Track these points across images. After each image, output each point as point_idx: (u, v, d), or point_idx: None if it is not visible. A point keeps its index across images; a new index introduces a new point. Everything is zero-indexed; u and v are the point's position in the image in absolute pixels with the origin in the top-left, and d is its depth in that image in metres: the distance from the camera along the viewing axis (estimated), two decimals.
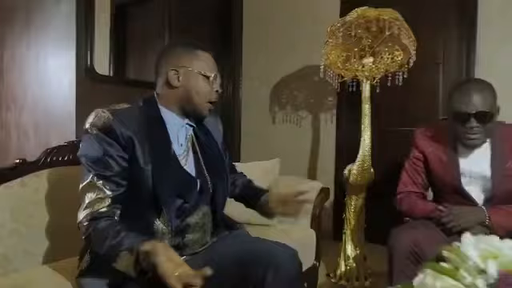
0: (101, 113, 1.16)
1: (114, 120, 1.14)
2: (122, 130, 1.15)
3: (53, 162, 1.58)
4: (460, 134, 1.51)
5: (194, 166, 1.30)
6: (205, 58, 1.29)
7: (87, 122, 1.17)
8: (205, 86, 1.27)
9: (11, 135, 2.90)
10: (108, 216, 1.12)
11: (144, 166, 1.17)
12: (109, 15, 2.78)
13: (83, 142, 1.18)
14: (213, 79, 1.28)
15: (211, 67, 1.29)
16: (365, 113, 2.14)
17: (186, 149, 1.30)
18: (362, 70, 2.24)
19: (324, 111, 3.28)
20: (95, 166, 1.13)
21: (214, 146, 1.38)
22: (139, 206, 1.19)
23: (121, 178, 1.16)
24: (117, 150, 1.14)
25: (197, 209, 1.28)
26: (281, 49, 3.47)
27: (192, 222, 1.27)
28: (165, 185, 1.18)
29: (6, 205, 1.37)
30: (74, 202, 1.51)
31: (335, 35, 2.12)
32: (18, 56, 2.83)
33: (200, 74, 1.26)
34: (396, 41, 2.18)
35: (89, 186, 1.13)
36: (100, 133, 1.14)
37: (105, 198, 1.12)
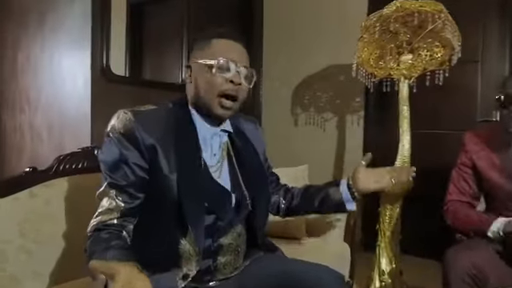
0: (123, 114, 1.04)
1: (135, 123, 1.01)
2: (144, 135, 1.01)
3: (65, 170, 1.44)
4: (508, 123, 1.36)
5: (229, 179, 1.13)
6: (219, 45, 1.08)
7: (109, 124, 1.05)
8: (211, 77, 1.05)
9: (25, 137, 2.81)
10: (114, 229, 1.00)
11: (169, 174, 1.02)
12: (125, 14, 2.68)
13: (103, 145, 1.07)
14: (224, 69, 1.05)
15: (223, 54, 1.06)
16: (403, 115, 1.95)
17: (219, 159, 1.13)
18: (398, 69, 2.06)
19: (350, 113, 3.09)
20: (110, 173, 1.02)
21: (253, 157, 1.21)
22: (162, 221, 1.04)
23: (136, 189, 1.02)
24: (135, 158, 1.01)
25: (231, 228, 1.12)
26: (303, 48, 3.29)
27: (225, 242, 1.11)
28: (192, 197, 1.02)
29: (13, 219, 1.24)
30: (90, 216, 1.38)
31: (370, 30, 1.94)
32: (32, 57, 2.74)
33: (205, 64, 1.06)
34: (436, 36, 1.99)
35: (103, 194, 1.03)
36: (120, 136, 1.02)
37: (115, 210, 1.01)
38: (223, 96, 1.06)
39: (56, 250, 1.30)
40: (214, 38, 1.09)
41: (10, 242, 1.21)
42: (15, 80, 2.84)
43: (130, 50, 2.69)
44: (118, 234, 0.99)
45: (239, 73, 1.07)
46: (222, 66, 1.05)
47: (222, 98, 1.06)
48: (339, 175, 3.12)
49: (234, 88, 1.06)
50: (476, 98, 2.69)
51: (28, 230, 1.25)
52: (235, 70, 1.06)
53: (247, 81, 1.10)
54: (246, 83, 1.09)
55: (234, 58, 1.07)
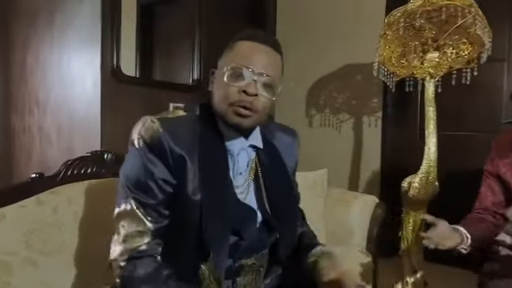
0: (149, 122, 0.91)
1: (163, 133, 0.90)
2: (172, 147, 0.90)
3: (74, 175, 1.36)
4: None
5: (255, 199, 1.02)
6: (241, 48, 0.94)
7: (134, 132, 0.93)
8: (224, 85, 0.92)
9: (34, 139, 2.76)
10: (149, 255, 0.90)
11: (192, 195, 0.91)
12: (135, 14, 2.62)
13: (127, 155, 0.95)
14: (235, 74, 0.91)
15: (243, 58, 0.92)
16: (429, 116, 1.83)
17: (246, 179, 1.01)
18: (421, 67, 1.94)
19: (367, 114, 2.98)
20: (135, 189, 0.91)
21: (281, 177, 1.07)
22: (182, 245, 0.94)
23: (164, 207, 0.92)
24: (162, 173, 0.91)
25: (257, 249, 1.02)
26: (318, 47, 3.19)
27: (248, 263, 1.01)
28: (216, 221, 0.92)
29: (19, 228, 1.16)
30: (100, 224, 1.30)
31: (393, 27, 1.83)
32: (41, 58, 2.70)
33: (222, 71, 0.93)
34: (463, 32, 1.88)
35: (126, 213, 0.91)
36: (145, 148, 0.91)
37: (145, 232, 0.90)
38: (239, 106, 0.92)
39: (64, 261, 1.21)
40: (240, 40, 0.96)
41: (15, 253, 1.13)
42: (24, 81, 2.79)
43: (140, 51, 2.63)
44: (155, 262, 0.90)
45: (256, 81, 0.91)
46: (233, 74, 0.91)
47: (236, 107, 0.92)
48: (356, 178, 3.01)
49: (248, 100, 0.91)
50: (502, 98, 2.57)
51: (34, 241, 1.17)
52: (251, 77, 0.91)
53: (267, 91, 0.93)
54: (265, 94, 0.93)
55: (252, 64, 0.91)
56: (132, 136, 0.93)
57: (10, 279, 1.10)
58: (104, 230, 1.30)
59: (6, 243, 1.12)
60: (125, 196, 0.91)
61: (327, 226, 1.76)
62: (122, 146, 1.78)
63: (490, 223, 1.40)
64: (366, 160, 2.98)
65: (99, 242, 1.28)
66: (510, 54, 2.54)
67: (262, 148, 1.03)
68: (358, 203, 1.81)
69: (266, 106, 0.95)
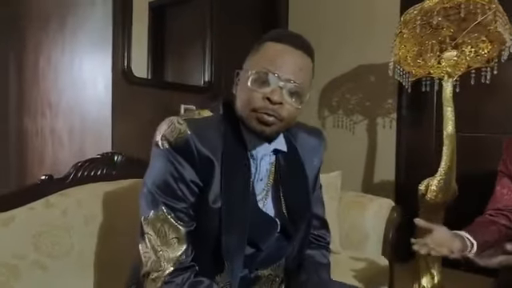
0: (176, 123, 0.86)
1: (191, 135, 0.85)
2: (200, 149, 0.85)
3: (84, 177, 1.34)
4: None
5: (272, 205, 0.97)
6: (269, 50, 0.86)
7: (158, 133, 0.87)
8: (248, 90, 0.85)
9: (46, 142, 2.77)
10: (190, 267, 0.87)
11: (212, 203, 0.86)
12: (146, 16, 2.62)
13: (152, 158, 0.90)
14: (259, 79, 0.84)
15: (270, 62, 0.84)
16: (448, 117, 1.78)
17: (265, 186, 0.96)
18: (439, 67, 1.89)
19: (382, 115, 2.92)
20: (164, 194, 0.86)
21: (301, 183, 1.00)
22: (196, 254, 0.90)
23: (193, 209, 0.88)
24: (190, 174, 0.86)
25: (274, 260, 0.98)
26: (330, 48, 3.14)
27: (265, 274, 0.98)
28: (234, 232, 0.87)
29: (28, 231, 1.14)
30: (110, 227, 1.28)
31: (409, 25, 1.78)
32: (53, 61, 2.71)
33: (246, 74, 0.86)
34: (483, 30, 1.82)
35: (157, 219, 0.86)
36: (171, 149, 0.85)
37: (181, 239, 0.86)
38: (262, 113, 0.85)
39: (73, 264, 1.19)
40: (268, 41, 0.88)
41: (23, 257, 1.10)
42: (37, 84, 2.81)
43: (152, 53, 2.62)
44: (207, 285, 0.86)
45: (282, 88, 0.84)
46: (258, 79, 0.84)
47: (259, 114, 0.85)
48: (370, 180, 2.95)
49: (273, 108, 0.84)
50: None
51: (43, 243, 1.15)
52: (276, 84, 0.84)
53: (294, 98, 0.86)
54: (291, 101, 0.86)
55: (278, 69, 0.84)
56: (156, 137, 0.87)
57: (17, 284, 1.08)
58: (114, 233, 1.29)
59: (15, 246, 1.10)
60: (154, 202, 0.86)
61: (341, 229, 1.71)
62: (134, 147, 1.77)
63: (502, 226, 1.31)
64: (380, 162, 2.92)
65: (109, 245, 1.27)
66: None
67: (285, 152, 0.97)
68: (372, 206, 1.76)
69: (292, 115, 0.88)
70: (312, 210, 1.04)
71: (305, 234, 1.01)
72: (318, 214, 1.09)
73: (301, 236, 1.00)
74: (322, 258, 1.05)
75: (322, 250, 1.07)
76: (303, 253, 1.03)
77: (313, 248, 1.06)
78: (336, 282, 1.03)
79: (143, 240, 0.86)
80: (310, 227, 1.04)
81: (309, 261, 1.03)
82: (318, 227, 1.08)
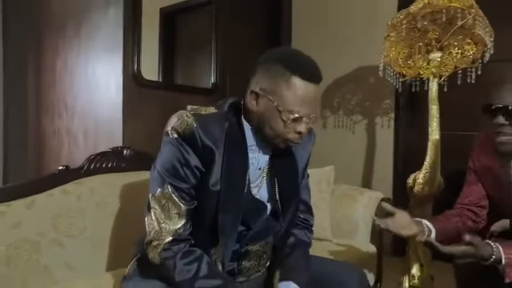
0: (184, 117, 1.00)
1: (197, 127, 0.98)
2: (204, 139, 0.99)
3: (96, 169, 1.51)
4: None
5: (266, 193, 1.12)
6: (300, 89, 0.97)
7: (169, 124, 1.03)
8: (281, 125, 0.99)
9: (63, 141, 2.94)
10: (186, 239, 1.01)
11: (212, 186, 1.00)
12: (158, 22, 2.78)
13: (162, 145, 1.04)
14: (297, 120, 0.99)
15: (301, 104, 0.98)
16: (433, 114, 1.90)
17: (261, 174, 1.11)
18: (427, 68, 2.01)
19: (380, 115, 3.04)
20: (170, 175, 1.00)
21: (292, 173, 1.15)
22: (195, 230, 1.04)
23: (194, 190, 1.02)
24: (194, 161, 0.99)
25: (262, 237, 1.12)
26: (332, 49, 3.27)
27: (253, 249, 1.12)
28: (229, 214, 1.01)
29: (47, 213, 1.31)
30: (118, 212, 1.44)
31: (397, 29, 1.90)
32: (69, 64, 2.88)
33: (278, 110, 0.98)
34: (467, 33, 1.93)
35: (163, 196, 1.00)
36: (179, 138, 0.99)
37: (182, 215, 1.00)
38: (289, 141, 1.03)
39: (86, 243, 1.35)
40: (296, 76, 0.97)
41: (44, 235, 1.27)
42: (54, 86, 2.99)
43: (163, 57, 2.77)
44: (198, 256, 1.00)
45: (307, 123, 1.01)
46: (296, 120, 0.99)
47: (290, 142, 1.03)
48: (369, 177, 3.07)
49: (300, 138, 1.03)
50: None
51: (61, 224, 1.31)
52: (306, 121, 1.00)
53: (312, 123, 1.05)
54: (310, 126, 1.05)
55: (309, 110, 0.99)
56: (167, 128, 1.03)
57: (40, 257, 1.24)
58: (122, 217, 1.45)
59: (37, 226, 1.27)
60: (161, 182, 0.99)
61: (333, 218, 1.84)
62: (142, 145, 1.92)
63: (467, 218, 1.41)
64: (379, 160, 3.03)
65: (117, 227, 1.43)
66: None
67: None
68: (363, 198, 1.88)
69: None
70: (300, 196, 1.19)
71: (292, 216, 1.16)
72: (304, 200, 1.24)
73: (289, 218, 1.15)
74: (305, 237, 1.20)
75: (306, 231, 1.21)
76: (290, 232, 1.17)
77: (298, 228, 1.20)
78: (314, 256, 1.17)
79: (149, 213, 1.01)
80: (297, 210, 1.18)
81: (293, 238, 1.17)
82: (303, 211, 1.23)
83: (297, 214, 1.19)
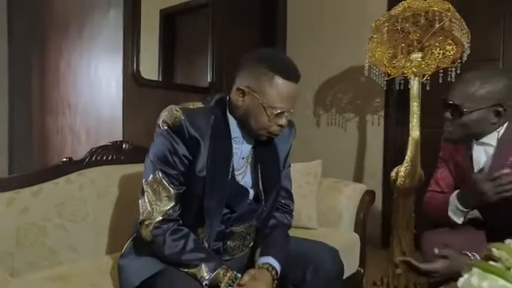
0: (174, 111, 1.12)
1: (184, 119, 1.11)
2: (190, 130, 1.11)
3: (97, 161, 1.63)
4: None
5: (250, 179, 1.24)
6: (281, 87, 1.11)
7: (160, 117, 1.15)
8: (265, 119, 1.13)
9: (66, 139, 3.06)
10: (175, 220, 1.12)
11: (198, 172, 1.13)
12: (158, 24, 2.88)
13: (155, 137, 1.16)
14: (279, 115, 1.13)
15: (282, 101, 1.11)
16: (413, 111, 2.02)
17: (245, 163, 1.23)
18: (410, 67, 2.12)
19: (371, 113, 3.15)
20: (161, 162, 1.12)
21: (274, 162, 1.28)
22: (184, 211, 1.16)
23: (183, 176, 1.14)
24: (182, 150, 1.12)
25: (245, 220, 1.24)
26: (325, 49, 3.39)
27: (237, 230, 1.23)
28: (214, 197, 1.14)
29: (52, 200, 1.43)
30: (117, 200, 1.57)
31: (380, 31, 2.02)
32: (72, 65, 2.99)
33: (263, 105, 1.11)
34: (448, 34, 2.05)
35: (155, 181, 1.12)
36: (169, 130, 1.11)
37: (170, 197, 1.12)
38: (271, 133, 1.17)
39: (88, 228, 1.48)
40: (279, 77, 1.10)
41: (49, 220, 1.39)
42: (57, 86, 3.11)
43: (162, 57, 2.87)
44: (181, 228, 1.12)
45: (287, 117, 1.16)
46: (278, 114, 1.13)
47: (272, 134, 1.17)
48: (360, 172, 3.18)
49: (281, 130, 1.18)
50: None
51: (65, 211, 1.44)
52: (286, 115, 1.15)
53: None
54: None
55: (289, 106, 1.13)
56: (158, 121, 1.15)
57: (46, 240, 1.37)
58: (120, 204, 1.57)
59: (43, 211, 1.39)
60: (153, 169, 1.12)
61: (319, 209, 1.96)
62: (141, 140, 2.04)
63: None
64: (369, 156, 3.15)
65: (116, 214, 1.56)
66: (504, 53, 2.66)
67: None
68: (347, 190, 2.00)
69: None
70: (281, 183, 1.31)
71: (274, 201, 1.28)
72: (286, 187, 1.36)
73: (270, 202, 1.27)
74: (285, 219, 1.32)
75: (286, 215, 1.33)
76: (271, 215, 1.29)
77: (279, 212, 1.32)
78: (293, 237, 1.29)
79: (143, 196, 1.14)
80: (279, 196, 1.31)
81: (274, 220, 1.30)
82: (285, 197, 1.35)
83: (278, 200, 1.31)
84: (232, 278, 1.06)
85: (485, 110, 1.25)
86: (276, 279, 1.12)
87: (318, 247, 1.22)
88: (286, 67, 1.13)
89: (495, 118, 1.27)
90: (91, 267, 1.35)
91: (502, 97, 1.25)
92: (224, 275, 1.06)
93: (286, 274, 1.17)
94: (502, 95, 1.25)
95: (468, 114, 1.26)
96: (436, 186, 1.51)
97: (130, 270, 1.14)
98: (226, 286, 1.04)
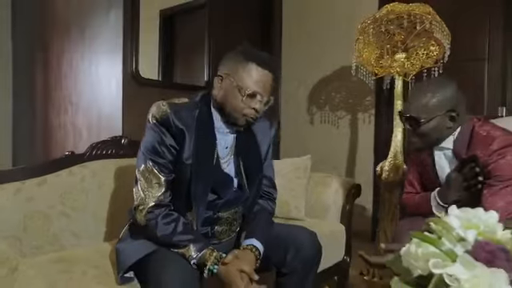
0: (161, 105, 1.25)
1: (170, 113, 1.23)
2: (176, 123, 1.23)
3: (97, 155, 1.74)
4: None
5: (233, 168, 1.36)
6: (253, 72, 1.24)
7: (150, 112, 1.27)
8: (240, 101, 1.24)
9: (68, 135, 3.17)
10: (167, 205, 1.24)
11: (185, 160, 1.24)
12: (157, 25, 2.98)
13: (146, 130, 1.29)
14: (250, 96, 1.24)
15: (255, 84, 1.24)
16: (397, 109, 2.13)
17: (229, 152, 1.35)
18: (395, 67, 2.23)
19: (362, 111, 3.26)
20: (151, 153, 1.23)
21: (255, 152, 1.40)
22: (174, 197, 1.27)
23: (171, 164, 1.25)
24: (169, 140, 1.24)
25: (231, 206, 1.35)
26: (319, 50, 3.50)
27: (224, 216, 1.34)
28: (200, 183, 1.25)
29: (56, 190, 1.54)
30: (116, 191, 1.68)
31: (366, 32, 2.13)
32: (74, 64, 3.11)
33: (237, 87, 1.24)
34: (431, 36, 2.15)
35: (146, 170, 1.23)
36: (157, 123, 1.24)
37: (161, 184, 1.23)
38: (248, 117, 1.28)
39: (89, 216, 1.59)
40: (253, 63, 1.24)
41: (53, 207, 1.51)
42: (60, 84, 3.22)
43: (162, 57, 2.98)
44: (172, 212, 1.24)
45: (261, 102, 1.27)
46: (251, 95, 1.24)
47: (247, 117, 1.28)
48: (352, 168, 3.29)
49: (255, 114, 1.28)
50: (483, 95, 2.79)
51: (67, 200, 1.55)
52: (259, 99, 1.26)
53: (266, 106, 1.30)
54: (263, 108, 1.30)
55: (263, 91, 1.25)
56: (148, 115, 1.28)
57: (50, 226, 1.48)
58: (119, 195, 1.68)
59: (47, 200, 1.50)
60: (144, 159, 1.25)
61: (308, 201, 2.07)
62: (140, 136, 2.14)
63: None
64: (360, 152, 3.26)
65: (114, 204, 1.67)
66: (489, 53, 2.76)
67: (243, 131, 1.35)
68: (334, 184, 2.11)
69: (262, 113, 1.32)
70: (264, 172, 1.44)
71: (257, 189, 1.40)
72: (269, 176, 1.48)
73: (254, 190, 1.39)
74: (268, 206, 1.44)
75: (269, 202, 1.46)
76: (255, 202, 1.41)
77: (263, 199, 1.45)
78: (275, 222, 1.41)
79: (136, 184, 1.26)
80: (261, 184, 1.43)
81: (258, 206, 1.42)
82: (268, 186, 1.47)
83: (261, 188, 1.43)
84: (217, 258, 1.17)
85: (440, 117, 1.36)
86: (259, 259, 1.23)
87: (299, 231, 1.33)
88: (261, 57, 1.27)
89: (450, 123, 1.38)
90: (92, 251, 1.46)
91: (453, 103, 1.36)
92: (210, 255, 1.17)
93: (269, 256, 1.28)
94: (452, 101, 1.36)
95: (426, 124, 1.37)
96: (411, 188, 1.63)
97: (125, 252, 1.26)
98: (212, 265, 1.15)
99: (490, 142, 1.33)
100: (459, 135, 1.41)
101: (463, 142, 1.39)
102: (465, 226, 0.67)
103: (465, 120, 1.41)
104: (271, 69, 1.27)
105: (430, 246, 0.67)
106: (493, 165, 1.30)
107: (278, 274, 1.32)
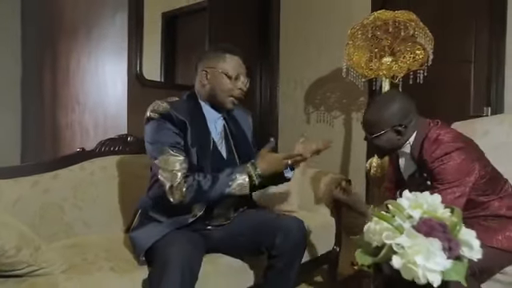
0: (160, 103, 1.44)
1: (170, 108, 1.43)
2: (178, 116, 1.43)
3: (106, 151, 1.90)
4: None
5: (226, 150, 1.56)
6: (230, 60, 1.51)
7: (148, 111, 1.45)
8: (227, 84, 1.49)
9: (75, 133, 3.32)
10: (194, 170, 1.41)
11: (191, 147, 1.43)
12: (160, 27, 3.11)
13: (149, 128, 1.45)
14: (235, 78, 1.50)
15: (235, 68, 1.51)
16: None
17: (221, 136, 1.56)
18: (382, 69, 2.38)
19: (355, 111, 3.40)
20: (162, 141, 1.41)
21: (242, 135, 1.63)
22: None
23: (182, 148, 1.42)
24: (174, 130, 1.42)
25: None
26: (315, 52, 3.64)
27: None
28: (207, 165, 1.44)
29: (68, 184, 1.70)
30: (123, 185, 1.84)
31: (355, 37, 2.28)
32: (81, 65, 3.25)
33: (223, 73, 1.49)
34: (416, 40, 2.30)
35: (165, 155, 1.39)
36: (160, 117, 1.42)
37: (182, 162, 1.40)
38: (233, 97, 1.52)
39: (98, 207, 1.75)
40: (228, 54, 1.52)
41: (66, 200, 1.67)
42: (67, 85, 3.36)
43: (164, 59, 3.12)
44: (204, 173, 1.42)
45: (243, 82, 1.53)
46: (236, 78, 1.50)
47: (232, 98, 1.51)
48: (346, 166, 3.44)
49: (241, 93, 1.53)
50: (469, 97, 2.93)
51: (79, 192, 1.71)
52: (243, 80, 1.53)
53: (246, 86, 1.56)
54: (245, 88, 1.56)
55: (243, 72, 1.53)
56: (147, 114, 1.45)
57: (63, 216, 1.64)
58: (126, 188, 1.84)
59: (60, 193, 1.66)
60: (160, 149, 1.40)
61: (301, 195, 2.22)
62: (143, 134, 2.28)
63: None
64: (354, 151, 3.40)
65: (122, 195, 1.83)
66: (476, 56, 2.90)
67: (228, 117, 1.60)
68: (326, 179, 2.26)
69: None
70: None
71: None
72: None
73: None
74: None
75: None
76: None
77: None
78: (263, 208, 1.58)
79: (160, 172, 1.39)
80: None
81: None
82: None
83: None
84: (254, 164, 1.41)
85: (388, 132, 1.49)
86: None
87: (287, 218, 1.49)
88: (230, 48, 1.54)
89: (398, 136, 1.50)
90: (102, 238, 1.62)
91: (398, 118, 1.48)
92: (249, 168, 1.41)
93: (260, 240, 1.44)
94: (397, 116, 1.48)
95: (376, 138, 1.52)
96: (389, 183, 1.80)
97: (141, 237, 1.42)
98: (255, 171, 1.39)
99: (434, 148, 1.44)
100: (415, 140, 1.52)
101: (417, 146, 1.51)
102: (413, 206, 0.82)
103: (418, 126, 1.51)
104: (239, 53, 1.54)
105: (384, 223, 0.82)
106: (436, 170, 1.42)
107: (268, 257, 1.47)
